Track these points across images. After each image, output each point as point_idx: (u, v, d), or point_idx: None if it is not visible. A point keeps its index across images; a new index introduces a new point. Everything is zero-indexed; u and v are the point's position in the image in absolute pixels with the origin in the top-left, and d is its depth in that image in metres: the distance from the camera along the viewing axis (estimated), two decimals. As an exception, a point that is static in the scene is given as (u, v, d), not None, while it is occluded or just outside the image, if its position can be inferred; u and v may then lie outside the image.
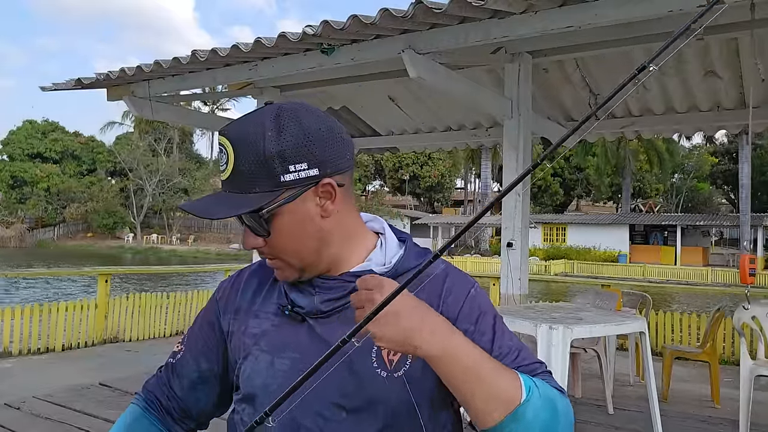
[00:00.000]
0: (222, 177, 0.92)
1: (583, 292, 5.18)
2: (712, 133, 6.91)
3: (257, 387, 0.96)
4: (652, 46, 4.19)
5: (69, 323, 6.39)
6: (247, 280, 1.08)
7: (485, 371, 0.80)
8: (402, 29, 3.46)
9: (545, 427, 0.81)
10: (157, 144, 50.43)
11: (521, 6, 3.08)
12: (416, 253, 0.99)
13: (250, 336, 1.00)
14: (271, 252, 0.94)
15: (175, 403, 1.09)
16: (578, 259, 33.49)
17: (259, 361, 0.97)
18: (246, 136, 0.89)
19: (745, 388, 3.68)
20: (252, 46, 3.80)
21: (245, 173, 0.88)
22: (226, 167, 0.91)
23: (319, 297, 0.96)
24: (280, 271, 0.96)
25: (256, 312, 1.02)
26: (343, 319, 0.93)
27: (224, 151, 0.91)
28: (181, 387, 1.08)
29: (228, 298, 1.07)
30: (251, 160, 0.88)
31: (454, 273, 0.98)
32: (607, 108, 0.53)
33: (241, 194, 0.89)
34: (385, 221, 1.05)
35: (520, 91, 4.23)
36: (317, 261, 0.95)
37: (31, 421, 3.89)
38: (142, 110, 4.87)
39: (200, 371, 1.08)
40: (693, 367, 5.74)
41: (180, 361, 1.09)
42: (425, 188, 52.31)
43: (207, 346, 1.08)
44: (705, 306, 16.28)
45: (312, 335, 0.95)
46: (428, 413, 0.93)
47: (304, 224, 0.92)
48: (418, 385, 0.91)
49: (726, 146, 46.71)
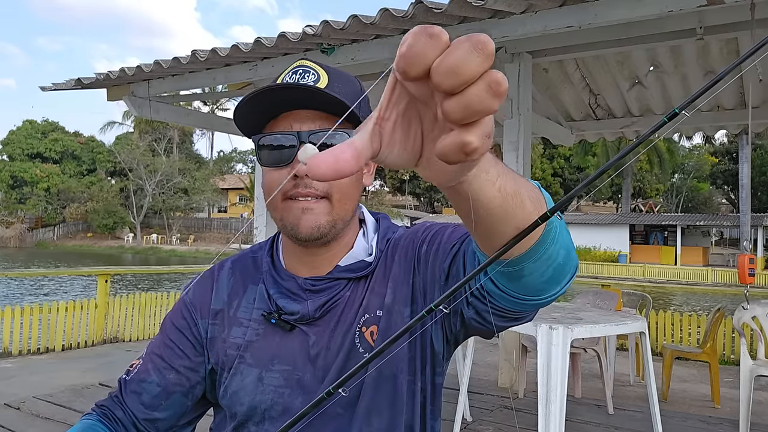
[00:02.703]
0: (303, 82, 0.85)
1: (583, 292, 5.18)
2: (712, 133, 6.90)
3: (246, 405, 0.90)
4: (651, 46, 4.20)
5: (69, 323, 6.39)
6: (220, 279, 0.99)
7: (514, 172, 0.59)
8: (402, 29, 3.47)
9: (568, 237, 0.68)
10: (157, 144, 50.43)
11: (521, 6, 3.08)
12: (391, 230, 0.98)
13: (233, 347, 0.93)
14: (322, 185, 0.85)
15: (133, 424, 0.95)
16: (578, 259, 33.47)
17: (245, 376, 0.91)
18: (340, 72, 0.90)
19: (745, 388, 3.68)
20: (252, 46, 3.80)
21: (341, 94, 0.84)
22: (314, 80, 0.86)
23: (312, 302, 0.90)
24: (314, 216, 0.85)
25: (239, 319, 0.94)
26: (333, 320, 0.91)
27: (310, 70, 0.87)
28: (140, 404, 0.94)
29: (201, 300, 0.98)
30: (347, 90, 0.87)
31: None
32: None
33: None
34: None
35: (520, 91, 4.23)
36: (345, 222, 0.90)
37: (31, 421, 3.88)
38: (142, 110, 4.87)
39: (164, 385, 0.94)
40: (693, 367, 5.74)
41: (137, 377, 0.95)
42: (425, 188, 52.30)
43: (175, 354, 0.95)
44: (705, 306, 16.28)
45: (303, 344, 0.90)
46: (406, 382, 0.90)
47: (360, 174, 0.90)
48: (390, 357, 0.87)
49: (726, 146, 46.71)
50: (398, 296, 0.90)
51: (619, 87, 5.34)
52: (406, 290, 0.90)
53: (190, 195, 48.53)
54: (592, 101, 5.66)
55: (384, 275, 0.93)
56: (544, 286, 0.68)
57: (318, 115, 0.86)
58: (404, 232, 0.98)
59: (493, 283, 0.70)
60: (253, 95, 0.83)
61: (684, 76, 4.96)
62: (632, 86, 5.26)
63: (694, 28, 3.51)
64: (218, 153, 66.97)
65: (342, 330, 0.90)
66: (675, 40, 3.92)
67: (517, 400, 4.49)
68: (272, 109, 0.86)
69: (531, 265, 0.63)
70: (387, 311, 0.89)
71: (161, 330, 0.99)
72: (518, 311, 0.74)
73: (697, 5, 2.81)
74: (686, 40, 3.81)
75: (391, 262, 0.93)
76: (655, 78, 5.08)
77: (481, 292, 0.74)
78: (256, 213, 5.64)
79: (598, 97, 5.61)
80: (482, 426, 3.87)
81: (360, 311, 0.91)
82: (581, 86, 5.43)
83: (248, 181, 46.22)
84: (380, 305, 0.90)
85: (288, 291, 0.92)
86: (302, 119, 0.86)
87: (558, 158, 46.31)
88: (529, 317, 0.77)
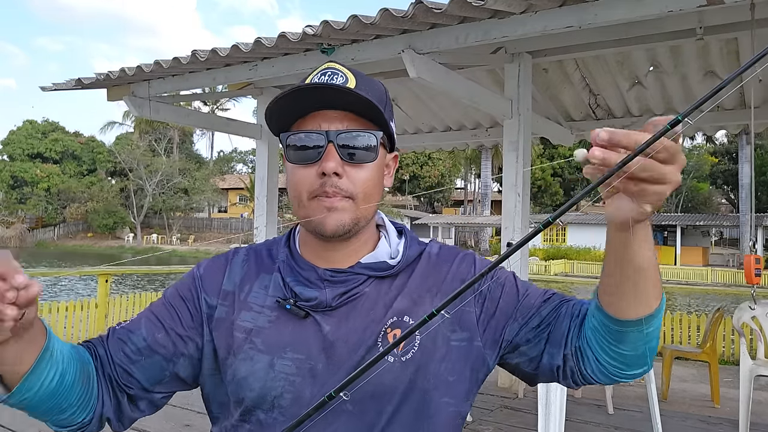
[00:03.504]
0: (332, 83, 0.88)
1: (582, 292, 5.18)
2: (712, 133, 6.91)
3: (256, 391, 0.89)
4: (651, 46, 4.20)
5: (69, 323, 6.39)
6: (235, 262, 0.99)
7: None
8: (402, 29, 3.47)
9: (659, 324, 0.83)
10: (157, 144, 50.44)
11: (521, 6, 3.08)
12: (418, 242, 1.01)
13: (241, 330, 0.92)
14: (348, 186, 0.88)
15: (109, 365, 0.92)
16: (578, 259, 33.48)
17: (255, 362, 0.89)
18: (366, 76, 0.93)
19: (745, 388, 3.68)
20: (252, 46, 3.80)
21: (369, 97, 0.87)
22: (342, 82, 0.89)
23: (331, 291, 0.91)
24: (339, 214, 0.88)
25: (249, 303, 0.94)
26: (352, 313, 0.91)
27: (339, 72, 0.90)
28: (122, 351, 0.92)
29: (212, 277, 0.98)
30: (373, 92, 0.90)
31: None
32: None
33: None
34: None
35: (520, 91, 4.23)
36: (367, 220, 0.93)
37: (32, 421, 3.88)
38: (142, 110, 4.87)
39: (150, 342, 0.92)
40: (693, 366, 5.74)
41: (127, 327, 0.95)
42: (425, 188, 52.30)
43: (170, 317, 0.94)
44: (705, 306, 16.28)
45: (317, 333, 0.90)
46: (439, 397, 0.91)
47: (381, 176, 0.94)
48: (424, 371, 0.89)
49: (726, 146, 46.69)
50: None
51: (619, 87, 5.34)
52: (455, 314, 0.92)
53: (190, 195, 48.53)
54: (592, 101, 5.66)
55: (423, 286, 0.94)
56: (631, 360, 0.84)
57: (345, 116, 0.88)
58: (447, 251, 1.00)
59: (588, 347, 0.86)
60: (284, 95, 0.86)
61: (684, 77, 4.96)
62: (632, 86, 5.26)
63: (694, 28, 3.51)
64: (218, 153, 67.05)
65: (363, 325, 0.90)
66: (675, 40, 3.92)
67: (517, 400, 4.49)
68: (301, 108, 0.89)
69: (636, 334, 0.80)
70: (426, 327, 0.91)
71: (164, 295, 0.99)
72: (589, 380, 0.90)
73: (697, 5, 2.81)
74: (686, 40, 3.81)
75: (435, 277, 0.96)
76: (654, 78, 5.08)
77: (578, 352, 0.87)
78: (257, 213, 5.64)
79: (598, 97, 5.61)
80: (482, 426, 3.87)
81: (389, 312, 0.91)
82: (581, 86, 5.43)
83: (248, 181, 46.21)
84: (412, 313, 0.91)
85: (306, 279, 0.93)
86: (330, 119, 0.88)
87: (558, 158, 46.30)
88: (580, 384, 0.92)
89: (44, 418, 0.88)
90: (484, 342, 0.93)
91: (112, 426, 0.94)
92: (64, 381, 0.83)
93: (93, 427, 0.90)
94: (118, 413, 0.92)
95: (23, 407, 0.84)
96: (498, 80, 5.01)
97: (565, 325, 0.89)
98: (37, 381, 0.80)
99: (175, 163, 48.50)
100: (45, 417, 0.88)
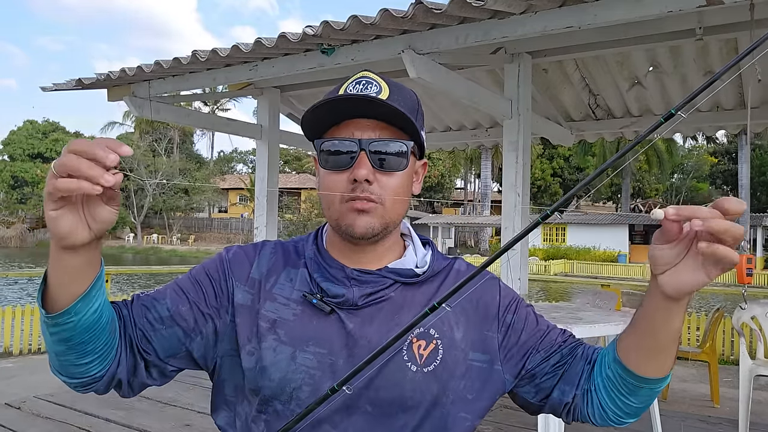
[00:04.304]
0: (366, 92, 0.91)
1: (582, 292, 5.19)
2: (712, 133, 6.91)
3: (276, 381, 0.90)
4: (651, 46, 4.21)
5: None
6: (264, 253, 1.01)
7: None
8: (402, 29, 3.47)
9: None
10: (157, 144, 50.42)
11: (521, 6, 3.08)
12: (442, 255, 1.04)
13: (265, 320, 0.93)
14: (379, 192, 0.91)
15: (131, 326, 0.92)
16: (578, 259, 33.47)
17: (278, 353, 0.91)
18: (400, 86, 0.96)
19: (745, 388, 3.69)
20: (252, 47, 3.81)
21: (400, 106, 0.90)
22: (376, 91, 0.92)
23: (358, 290, 0.93)
24: (369, 218, 0.91)
25: (274, 294, 0.95)
26: (377, 315, 0.93)
27: (373, 82, 0.93)
28: (144, 318, 0.93)
29: (241, 264, 0.99)
30: (406, 102, 0.93)
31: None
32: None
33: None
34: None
35: (520, 91, 4.23)
36: (395, 225, 0.96)
37: (32, 420, 3.89)
38: (142, 110, 4.87)
39: (174, 312, 0.93)
40: (692, 366, 5.74)
41: (153, 295, 0.96)
42: (425, 188, 52.33)
43: (195, 291, 0.95)
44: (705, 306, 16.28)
45: (341, 330, 0.91)
46: (456, 412, 0.94)
47: (410, 183, 0.98)
48: (447, 383, 0.92)
49: (726, 146, 46.70)
50: (468, 336, 0.97)
51: (619, 87, 5.34)
52: (477, 336, 0.98)
53: (190, 195, 48.53)
54: (592, 101, 5.66)
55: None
56: (633, 411, 0.93)
57: (378, 125, 0.92)
58: (475, 274, 0.99)
59: (596, 393, 0.93)
60: (320, 104, 0.90)
61: (683, 77, 4.97)
62: (632, 86, 5.26)
63: (693, 29, 3.51)
64: (218, 153, 67.04)
65: (387, 328, 0.92)
66: (674, 41, 3.92)
67: (517, 400, 4.49)
68: (335, 117, 0.93)
69: (650, 390, 0.89)
70: (449, 342, 0.95)
71: (190, 272, 1.00)
72: (585, 420, 0.98)
73: (697, 5, 2.81)
74: (686, 40, 3.81)
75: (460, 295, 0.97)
76: (654, 78, 5.08)
77: (586, 395, 0.95)
78: (257, 213, 5.65)
79: (598, 98, 5.62)
80: (482, 426, 3.87)
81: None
82: (581, 86, 5.43)
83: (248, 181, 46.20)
84: (436, 325, 0.94)
85: (333, 277, 0.95)
86: (363, 128, 0.92)
87: (557, 158, 46.31)
88: (575, 421, 1.00)
89: (66, 357, 0.85)
90: (504, 368, 0.98)
91: (122, 390, 0.93)
92: (101, 319, 0.83)
93: (101, 385, 0.90)
94: (131, 375, 0.92)
95: (60, 332, 0.81)
96: (498, 80, 5.01)
97: (579, 367, 0.97)
98: (85, 307, 0.80)
99: (175, 163, 48.50)
100: (68, 355, 0.84)
